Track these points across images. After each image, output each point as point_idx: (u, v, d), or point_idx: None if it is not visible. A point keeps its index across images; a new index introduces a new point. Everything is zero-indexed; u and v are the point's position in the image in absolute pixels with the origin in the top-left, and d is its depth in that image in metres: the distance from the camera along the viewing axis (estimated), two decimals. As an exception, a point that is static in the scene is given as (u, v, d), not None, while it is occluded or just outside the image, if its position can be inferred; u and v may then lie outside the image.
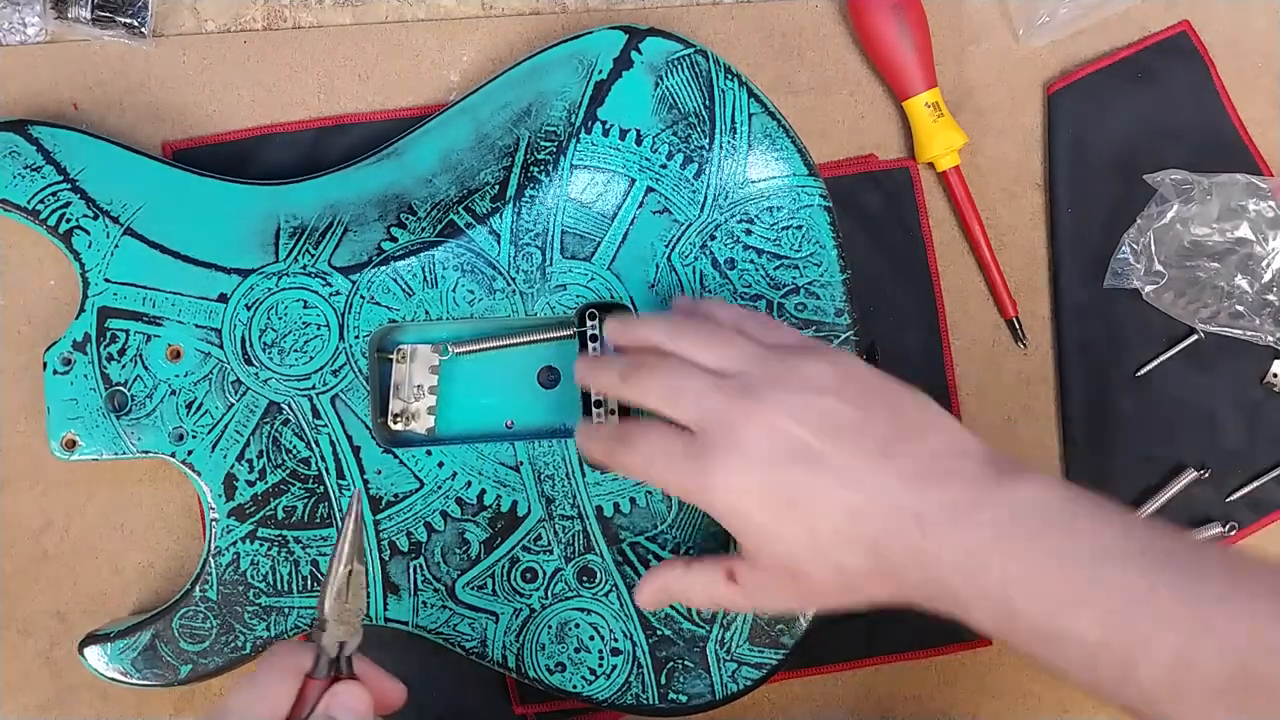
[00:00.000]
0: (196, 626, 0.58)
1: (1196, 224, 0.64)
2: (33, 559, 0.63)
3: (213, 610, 0.58)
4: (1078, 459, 0.65)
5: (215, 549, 0.58)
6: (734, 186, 0.59)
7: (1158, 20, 0.68)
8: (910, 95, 0.65)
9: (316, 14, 0.65)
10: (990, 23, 0.67)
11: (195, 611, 0.58)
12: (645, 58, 0.59)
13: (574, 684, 0.59)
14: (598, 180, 0.59)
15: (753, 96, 0.59)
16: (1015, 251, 0.67)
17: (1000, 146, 0.67)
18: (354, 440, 0.58)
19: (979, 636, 0.64)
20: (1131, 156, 0.66)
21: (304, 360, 0.58)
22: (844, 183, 0.65)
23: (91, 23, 0.63)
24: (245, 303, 0.58)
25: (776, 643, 0.59)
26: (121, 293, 0.58)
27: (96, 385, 0.58)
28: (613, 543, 0.58)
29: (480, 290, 0.59)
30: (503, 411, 0.61)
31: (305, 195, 0.59)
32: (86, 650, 0.58)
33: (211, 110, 0.64)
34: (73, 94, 0.63)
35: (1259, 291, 0.64)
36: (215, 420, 0.58)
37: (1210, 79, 0.67)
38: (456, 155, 0.59)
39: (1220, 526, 0.65)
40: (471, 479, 0.59)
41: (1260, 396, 0.66)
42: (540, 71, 0.59)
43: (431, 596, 0.58)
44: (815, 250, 0.60)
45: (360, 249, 0.59)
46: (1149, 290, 0.65)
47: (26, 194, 0.58)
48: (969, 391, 0.66)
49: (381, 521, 0.58)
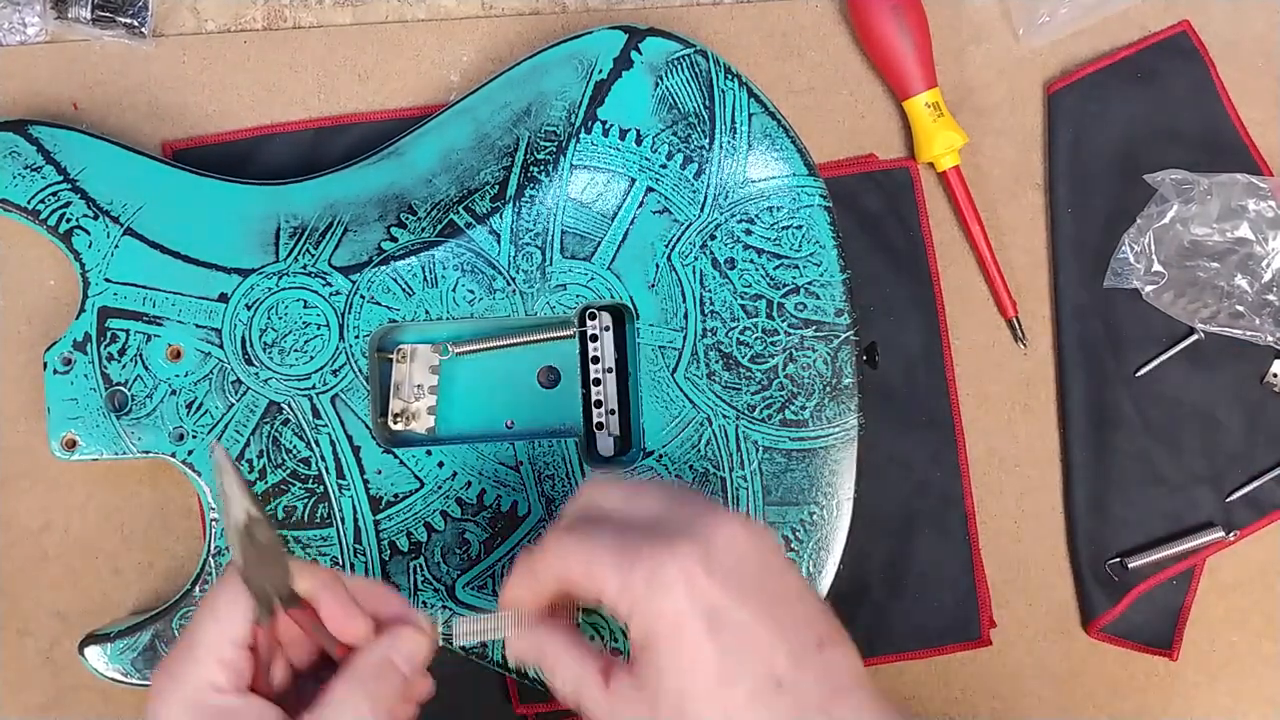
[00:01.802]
0: (196, 626, 0.58)
1: (1196, 224, 0.64)
2: (33, 559, 0.63)
3: (213, 610, 0.58)
4: (1078, 459, 0.65)
5: (215, 549, 0.58)
6: (734, 186, 0.59)
7: (1158, 20, 0.68)
8: (910, 95, 0.65)
9: (316, 14, 0.65)
10: (990, 23, 0.67)
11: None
12: (645, 58, 0.59)
13: (574, 684, 0.58)
14: (598, 180, 0.59)
15: (753, 96, 0.59)
16: (1015, 251, 0.67)
17: (1000, 146, 0.67)
18: (354, 440, 0.58)
19: (979, 636, 0.64)
20: (1131, 156, 0.66)
21: (304, 360, 0.58)
22: (844, 183, 0.65)
23: (91, 23, 0.63)
24: (245, 302, 0.58)
25: (776, 643, 0.59)
26: (122, 293, 0.58)
27: (96, 385, 0.58)
28: (613, 543, 0.58)
29: (480, 290, 0.59)
30: (503, 411, 0.61)
31: (305, 195, 0.59)
32: (86, 650, 0.58)
33: (211, 110, 0.64)
34: (73, 94, 0.63)
35: (1259, 291, 0.64)
36: (215, 420, 0.58)
37: (1210, 79, 0.67)
38: (456, 155, 0.59)
39: (1221, 531, 0.65)
40: (471, 479, 0.59)
41: (1260, 396, 0.66)
42: (540, 71, 0.59)
43: (431, 596, 0.58)
44: (815, 250, 0.60)
45: (360, 249, 0.59)
46: (1149, 290, 0.65)
47: (26, 194, 0.58)
48: (969, 391, 0.66)
49: (381, 521, 0.58)
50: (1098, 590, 0.65)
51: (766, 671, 0.41)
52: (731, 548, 0.42)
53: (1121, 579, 0.65)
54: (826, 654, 0.42)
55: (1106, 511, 0.65)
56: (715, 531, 0.42)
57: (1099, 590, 0.65)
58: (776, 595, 0.42)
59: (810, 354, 0.60)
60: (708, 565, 0.41)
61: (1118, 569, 0.65)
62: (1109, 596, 0.64)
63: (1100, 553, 0.65)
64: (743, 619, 0.41)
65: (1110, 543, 0.65)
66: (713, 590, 0.41)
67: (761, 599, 0.42)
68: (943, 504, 0.65)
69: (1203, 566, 0.65)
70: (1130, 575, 0.65)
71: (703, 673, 0.41)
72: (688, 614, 0.41)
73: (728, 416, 0.59)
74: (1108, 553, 0.65)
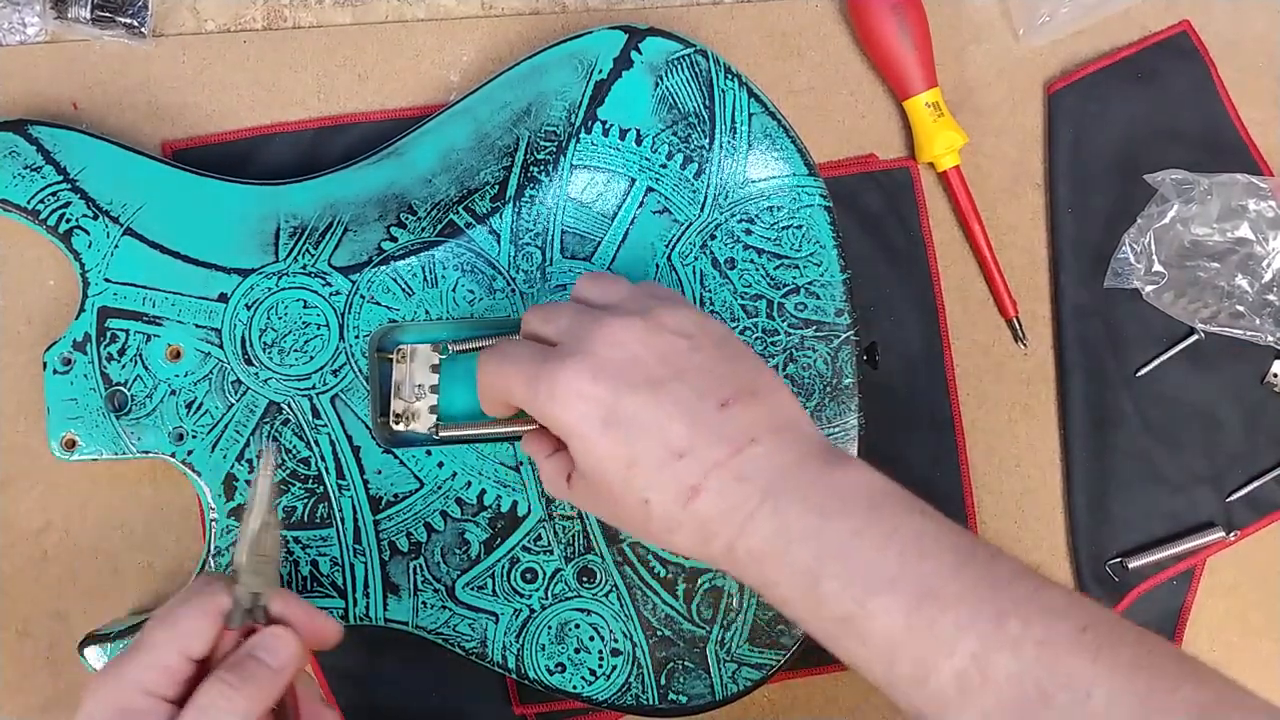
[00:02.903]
0: (196, 626, 0.58)
1: (1196, 224, 0.64)
2: (33, 559, 0.63)
3: (213, 610, 0.58)
4: (1078, 459, 0.65)
5: (215, 549, 0.58)
6: (734, 186, 0.59)
7: (1158, 20, 0.68)
8: (910, 95, 0.65)
9: (316, 14, 0.65)
10: (990, 23, 0.67)
11: (195, 611, 0.58)
12: (645, 57, 0.59)
13: (574, 684, 0.59)
14: (598, 180, 0.59)
15: (753, 96, 0.59)
16: (1015, 251, 0.67)
17: (1000, 146, 0.67)
18: (354, 440, 0.58)
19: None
20: (1131, 156, 0.66)
21: (304, 360, 0.58)
22: (844, 183, 0.65)
23: (91, 23, 0.62)
24: (245, 303, 0.58)
25: (776, 643, 0.59)
26: (121, 293, 0.58)
27: (96, 385, 0.58)
28: (613, 543, 0.58)
29: (480, 290, 0.59)
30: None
31: (305, 195, 0.59)
32: (86, 650, 0.58)
33: (211, 110, 0.64)
34: (73, 94, 0.63)
35: (1259, 291, 0.64)
36: (215, 420, 0.58)
37: (1210, 79, 0.67)
38: (456, 155, 0.59)
39: (1221, 531, 0.65)
40: (471, 479, 0.59)
41: (1260, 396, 0.66)
42: (540, 71, 0.59)
43: (431, 597, 0.58)
44: (815, 250, 0.60)
45: (360, 249, 0.59)
46: (1149, 290, 0.65)
47: (26, 194, 0.58)
48: (969, 391, 0.66)
49: (381, 522, 0.58)
50: (1098, 590, 0.65)
51: (662, 445, 0.46)
52: (617, 350, 0.47)
53: (1121, 579, 0.65)
54: (731, 411, 0.47)
55: (1106, 511, 0.65)
56: (601, 338, 0.48)
57: (1099, 590, 0.65)
58: (674, 374, 0.47)
59: (810, 354, 0.60)
60: (595, 372, 0.47)
61: (1118, 569, 0.65)
62: (1109, 596, 0.64)
63: (1100, 553, 0.65)
64: (631, 408, 0.46)
65: (1110, 543, 0.65)
66: (599, 391, 0.47)
67: (652, 385, 0.47)
68: (943, 504, 0.64)
69: (1203, 566, 0.65)
70: (1130, 575, 0.65)
71: (611, 463, 0.47)
72: (585, 418, 0.47)
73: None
74: (1108, 553, 0.65)
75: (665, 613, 0.58)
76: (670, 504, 0.46)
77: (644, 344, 0.48)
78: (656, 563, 0.58)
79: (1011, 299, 0.66)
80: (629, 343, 0.48)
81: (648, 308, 0.49)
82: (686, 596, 0.58)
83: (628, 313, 0.49)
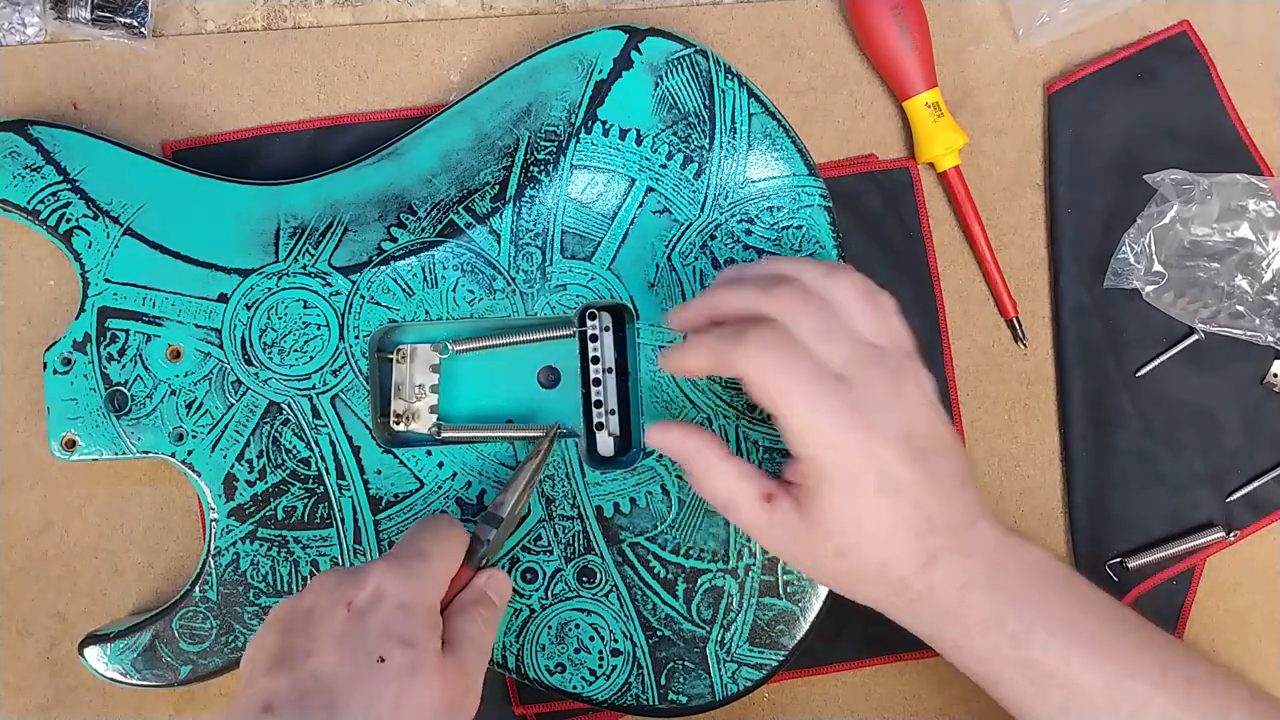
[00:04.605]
0: (196, 627, 0.58)
1: (1196, 224, 0.64)
2: (33, 559, 0.63)
3: (213, 611, 0.58)
4: (1078, 459, 0.65)
5: (215, 549, 0.58)
6: (734, 186, 0.59)
7: (1158, 20, 0.68)
8: (910, 95, 0.65)
9: (316, 14, 0.65)
10: (990, 23, 0.67)
11: (195, 612, 0.58)
12: (645, 57, 0.59)
13: (574, 684, 0.59)
14: (598, 180, 0.59)
15: (753, 96, 0.59)
16: (1015, 251, 0.67)
17: (1000, 146, 0.67)
18: (354, 440, 0.58)
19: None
20: (1131, 156, 0.66)
21: (304, 360, 0.58)
22: (844, 183, 0.65)
23: (91, 23, 0.63)
24: (245, 303, 0.58)
25: (776, 644, 0.59)
26: (121, 293, 0.58)
27: (96, 385, 0.58)
28: (613, 543, 0.58)
29: (480, 290, 0.59)
30: (503, 411, 0.61)
31: (305, 195, 0.59)
32: (86, 650, 0.58)
33: (211, 110, 0.64)
34: (73, 94, 0.63)
35: (1259, 291, 0.64)
36: (215, 420, 0.58)
37: (1210, 79, 0.67)
38: (456, 155, 0.59)
39: (1221, 531, 0.65)
40: (471, 479, 0.59)
41: (1260, 396, 0.66)
42: (540, 71, 0.59)
43: (431, 596, 0.58)
44: (815, 250, 0.60)
45: (360, 249, 0.59)
46: (1149, 290, 0.65)
47: (26, 194, 0.58)
48: (969, 391, 0.66)
49: (381, 522, 0.58)
50: (1098, 590, 0.65)
51: (923, 518, 0.49)
52: (901, 416, 0.49)
53: (1121, 579, 0.65)
54: (968, 487, 0.50)
55: (1106, 511, 0.65)
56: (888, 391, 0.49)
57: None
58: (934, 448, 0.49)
59: (810, 354, 0.59)
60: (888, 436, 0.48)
61: (1118, 569, 0.65)
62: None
63: (1100, 553, 0.65)
64: (907, 477, 0.48)
65: (1110, 543, 0.65)
66: (886, 453, 0.48)
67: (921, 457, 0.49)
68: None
69: (1203, 566, 0.65)
70: (1130, 575, 0.65)
71: (870, 523, 0.48)
72: (863, 473, 0.48)
73: (728, 417, 0.59)
74: (1108, 553, 0.65)
75: (665, 613, 0.58)
76: (910, 571, 0.49)
77: (921, 414, 0.49)
78: (656, 563, 0.58)
79: (1011, 299, 0.66)
80: (916, 407, 0.49)
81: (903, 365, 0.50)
82: (686, 596, 0.58)
83: (901, 369, 0.50)
